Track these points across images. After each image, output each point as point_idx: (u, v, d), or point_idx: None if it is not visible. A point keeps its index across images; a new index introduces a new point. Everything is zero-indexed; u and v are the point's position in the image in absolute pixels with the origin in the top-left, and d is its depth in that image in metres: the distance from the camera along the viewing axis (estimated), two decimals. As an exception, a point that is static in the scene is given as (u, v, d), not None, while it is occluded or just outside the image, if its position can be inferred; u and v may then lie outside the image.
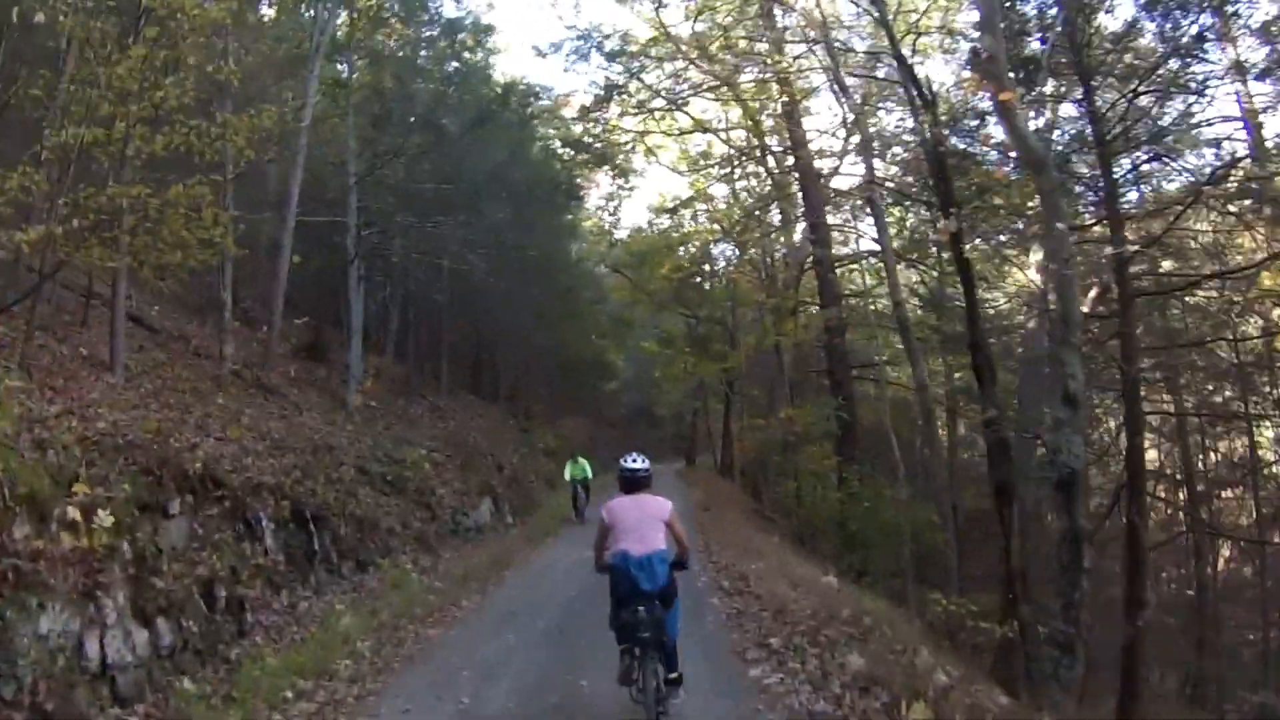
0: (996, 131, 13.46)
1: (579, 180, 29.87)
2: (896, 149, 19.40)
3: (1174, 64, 12.52)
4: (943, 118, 13.42)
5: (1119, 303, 12.84)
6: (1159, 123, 12.87)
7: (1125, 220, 13.68)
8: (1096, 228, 14.46)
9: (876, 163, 23.45)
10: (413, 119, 18.53)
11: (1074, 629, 7.26)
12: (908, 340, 16.25)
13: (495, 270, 25.00)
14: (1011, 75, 9.95)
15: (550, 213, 27.31)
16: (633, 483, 5.81)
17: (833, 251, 22.63)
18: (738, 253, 31.14)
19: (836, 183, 24.93)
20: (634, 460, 5.92)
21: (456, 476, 17.46)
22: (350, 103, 19.82)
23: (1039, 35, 12.78)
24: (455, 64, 22.01)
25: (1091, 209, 14.70)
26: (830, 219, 23.22)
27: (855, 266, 27.51)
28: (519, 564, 13.32)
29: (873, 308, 24.87)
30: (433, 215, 19.80)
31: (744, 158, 27.83)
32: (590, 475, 18.76)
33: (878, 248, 22.93)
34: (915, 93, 13.19)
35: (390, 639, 8.36)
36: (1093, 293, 17.90)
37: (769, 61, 21.16)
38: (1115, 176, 13.16)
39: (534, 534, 17.26)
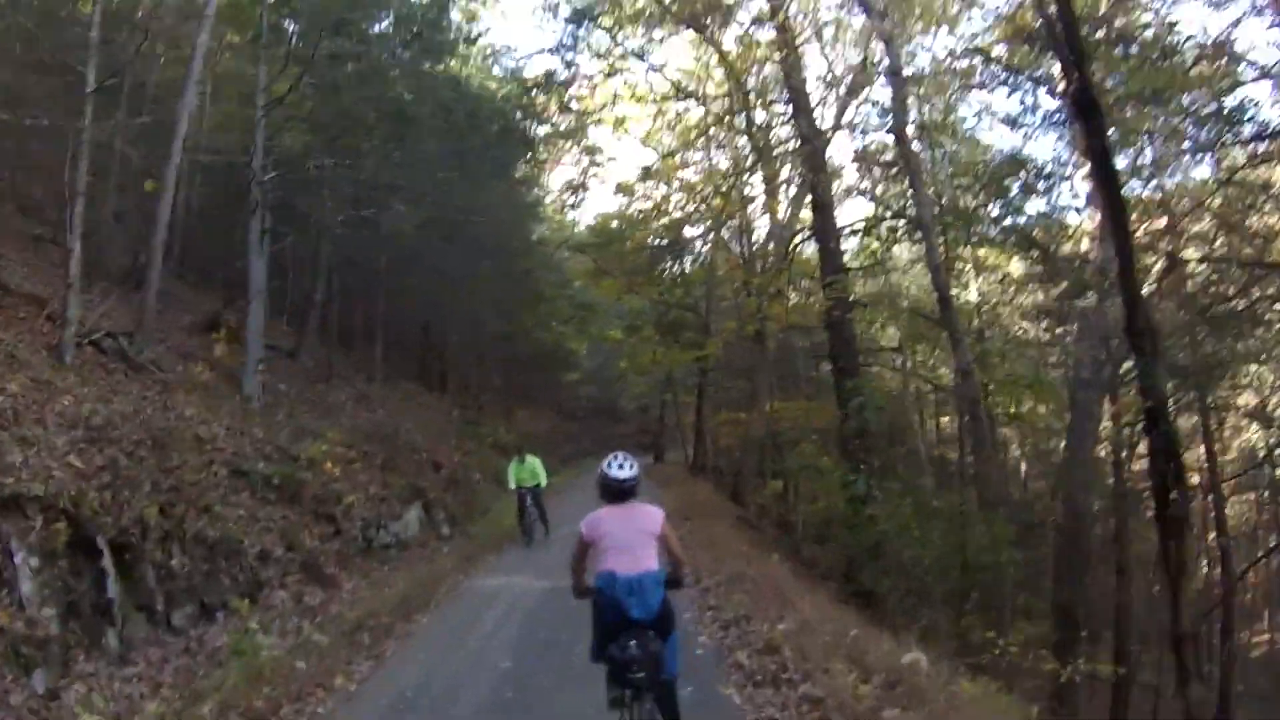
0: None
1: (535, 130, 26.26)
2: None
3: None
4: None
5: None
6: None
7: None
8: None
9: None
10: (328, 29, 14.74)
11: None
12: (948, 316, 13.01)
13: (439, 234, 21.54)
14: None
15: (503, 164, 23.68)
16: (619, 492, 4.80)
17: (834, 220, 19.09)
18: (713, 232, 27.92)
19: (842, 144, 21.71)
20: (620, 465, 4.83)
21: (375, 478, 13.84)
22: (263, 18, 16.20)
23: None
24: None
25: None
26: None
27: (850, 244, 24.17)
28: (443, 600, 9.73)
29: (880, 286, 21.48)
30: (354, 153, 16.16)
31: (726, 117, 24.42)
32: (544, 480, 14.38)
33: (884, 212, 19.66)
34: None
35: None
36: (1160, 264, 14.88)
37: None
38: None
39: (473, 550, 13.68)
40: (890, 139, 19.16)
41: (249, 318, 15.69)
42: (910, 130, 16.70)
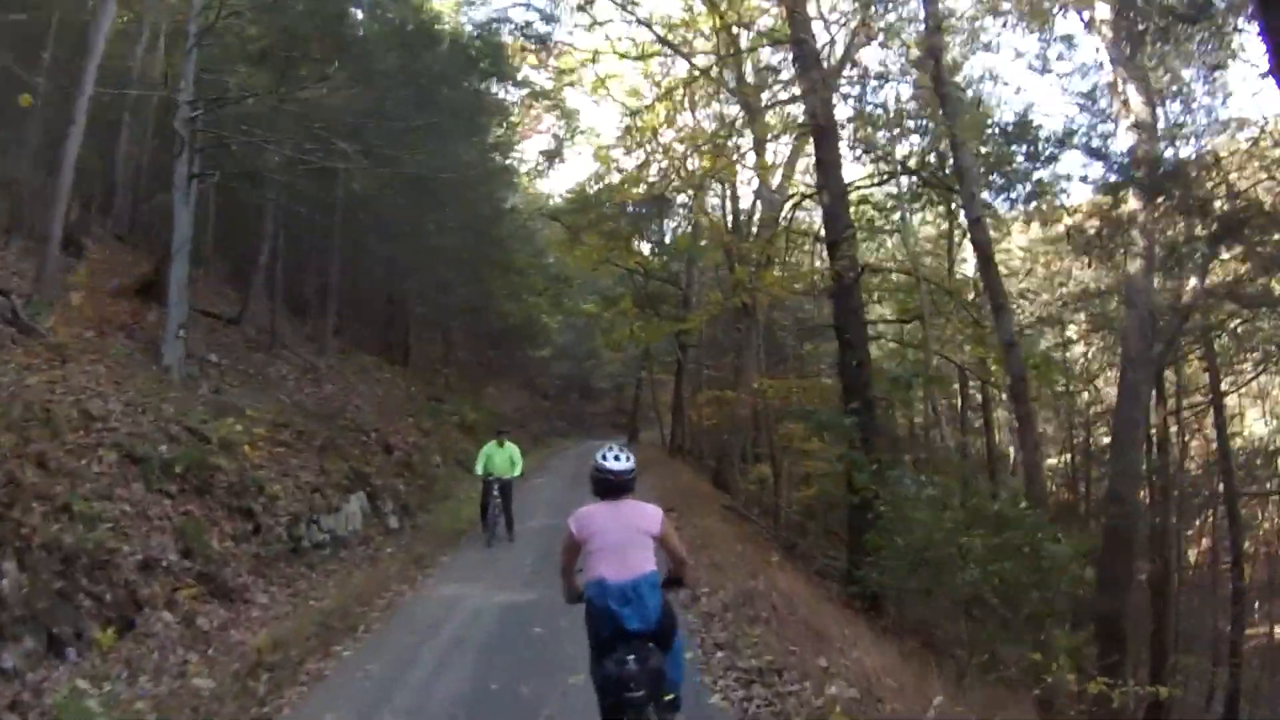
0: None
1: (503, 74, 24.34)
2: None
3: None
4: None
5: None
6: None
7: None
8: None
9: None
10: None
11: None
12: (989, 274, 11.17)
13: (402, 194, 19.54)
14: None
15: (472, 110, 21.70)
16: (613, 487, 4.22)
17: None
18: (697, 193, 26.01)
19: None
20: (614, 456, 4.26)
21: (310, 463, 11.85)
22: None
23: None
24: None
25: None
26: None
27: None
28: (375, 622, 7.82)
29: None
30: (296, 78, 14.18)
31: (714, 69, 22.40)
32: (518, 470, 12.42)
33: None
34: None
35: None
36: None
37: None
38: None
39: (424, 548, 11.76)
40: (896, 94, 17.49)
41: (170, 275, 13.59)
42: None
